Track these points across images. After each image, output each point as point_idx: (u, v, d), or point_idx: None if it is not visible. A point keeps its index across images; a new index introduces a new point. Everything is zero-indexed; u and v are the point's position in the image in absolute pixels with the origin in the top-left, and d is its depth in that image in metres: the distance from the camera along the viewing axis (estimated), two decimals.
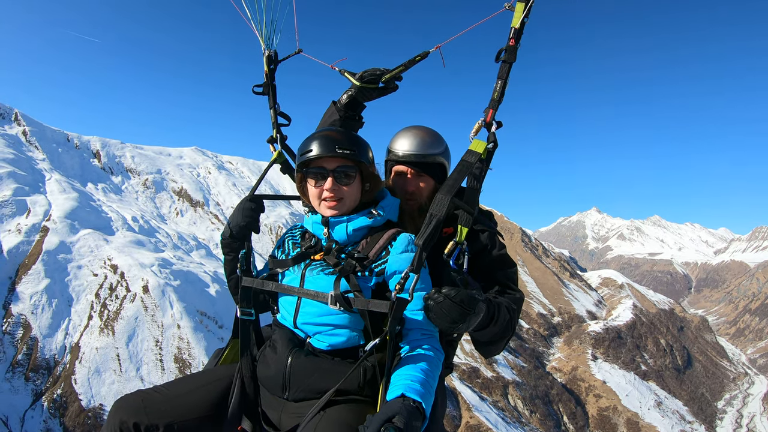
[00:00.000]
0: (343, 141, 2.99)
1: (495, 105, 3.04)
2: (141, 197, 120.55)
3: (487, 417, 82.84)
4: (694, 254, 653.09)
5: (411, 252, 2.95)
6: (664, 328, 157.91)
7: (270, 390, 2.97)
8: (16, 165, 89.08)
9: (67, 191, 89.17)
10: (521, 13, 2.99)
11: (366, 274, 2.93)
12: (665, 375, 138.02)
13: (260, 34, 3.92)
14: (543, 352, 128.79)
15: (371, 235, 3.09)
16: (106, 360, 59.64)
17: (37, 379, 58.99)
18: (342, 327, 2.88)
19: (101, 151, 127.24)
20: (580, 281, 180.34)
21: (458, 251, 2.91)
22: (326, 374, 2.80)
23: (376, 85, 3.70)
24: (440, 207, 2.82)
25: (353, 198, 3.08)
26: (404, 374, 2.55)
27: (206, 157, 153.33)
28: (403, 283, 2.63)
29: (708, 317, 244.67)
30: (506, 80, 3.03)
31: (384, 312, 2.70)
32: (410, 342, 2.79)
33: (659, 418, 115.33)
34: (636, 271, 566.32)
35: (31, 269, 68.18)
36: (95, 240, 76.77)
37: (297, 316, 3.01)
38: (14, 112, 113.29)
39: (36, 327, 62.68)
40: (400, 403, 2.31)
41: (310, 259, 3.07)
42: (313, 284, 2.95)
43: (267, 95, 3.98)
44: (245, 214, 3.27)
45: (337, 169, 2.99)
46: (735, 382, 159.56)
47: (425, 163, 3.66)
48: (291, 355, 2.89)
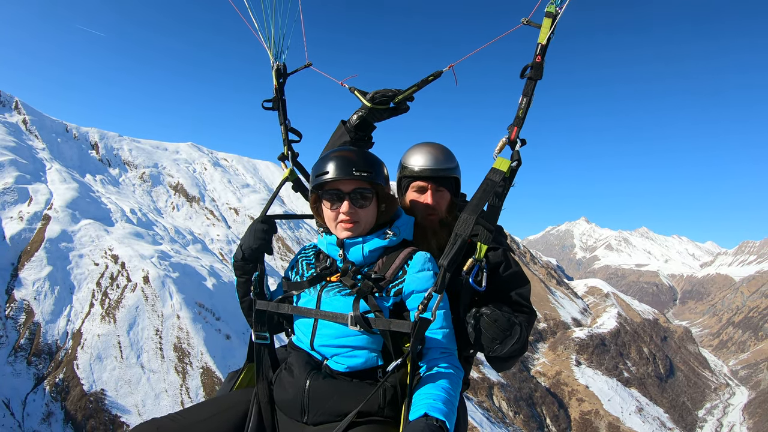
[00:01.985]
0: (360, 163, 2.98)
1: (520, 122, 3.03)
2: (138, 190, 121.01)
3: (473, 416, 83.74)
4: (681, 266, 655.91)
5: (428, 271, 2.96)
6: (647, 337, 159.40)
7: (288, 414, 2.96)
8: (18, 153, 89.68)
9: (67, 181, 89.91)
10: (548, 29, 3.00)
11: (383, 295, 2.94)
12: (647, 382, 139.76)
13: (268, 46, 3.92)
14: (528, 357, 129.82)
15: (387, 254, 3.09)
16: (108, 347, 60.63)
17: (39, 363, 59.82)
18: (360, 348, 2.89)
19: (99, 143, 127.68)
20: (567, 289, 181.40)
21: (477, 268, 2.96)
22: (345, 396, 2.78)
23: (387, 106, 3.72)
24: (465, 227, 2.83)
25: (369, 220, 3.08)
26: (426, 393, 2.56)
27: (202, 153, 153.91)
28: (426, 303, 2.64)
29: (692, 328, 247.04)
30: (531, 97, 3.02)
31: (402, 332, 2.74)
32: (430, 361, 2.81)
33: (640, 423, 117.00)
34: (622, 281, 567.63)
35: (33, 256, 68.98)
36: (96, 230, 77.72)
37: (314, 338, 3.01)
38: (14, 100, 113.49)
39: (39, 313, 63.57)
40: (424, 422, 2.34)
41: (326, 280, 3.09)
42: (329, 306, 2.96)
43: (277, 110, 3.97)
44: (257, 236, 3.24)
45: (354, 192, 2.98)
46: (716, 392, 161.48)
47: (443, 177, 3.65)
48: (309, 378, 2.87)
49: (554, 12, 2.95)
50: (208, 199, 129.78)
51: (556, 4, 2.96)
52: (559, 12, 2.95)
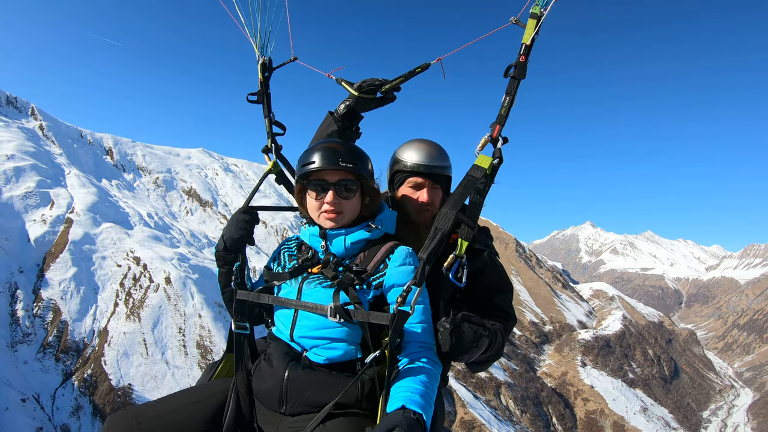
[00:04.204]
0: (346, 154, 3.00)
1: (502, 120, 3.03)
2: (152, 195, 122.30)
3: (481, 414, 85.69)
4: (686, 270, 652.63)
5: (408, 265, 2.98)
6: (652, 339, 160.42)
7: (266, 404, 2.98)
8: (37, 158, 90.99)
9: (86, 186, 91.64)
10: (533, 29, 3.00)
11: (364, 287, 2.94)
12: (652, 384, 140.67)
13: (254, 40, 3.91)
14: (534, 358, 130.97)
15: (369, 248, 3.10)
16: (134, 344, 62.75)
17: (67, 360, 61.88)
18: (339, 340, 2.89)
19: (113, 149, 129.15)
20: (572, 292, 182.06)
21: (457, 265, 2.96)
22: (324, 388, 2.81)
23: (374, 96, 3.74)
24: (445, 221, 2.85)
25: (353, 211, 3.09)
26: (404, 386, 2.58)
27: (213, 159, 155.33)
28: (405, 296, 2.68)
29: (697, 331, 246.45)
30: (514, 96, 3.01)
31: (382, 324, 2.77)
32: (409, 354, 2.82)
33: (644, 422, 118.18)
34: (628, 285, 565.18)
35: (58, 258, 70.98)
36: (117, 233, 79.64)
37: (294, 329, 3.01)
38: (30, 106, 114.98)
39: (66, 311, 65.64)
40: (401, 414, 2.36)
41: (308, 271, 3.09)
42: (310, 297, 2.96)
43: (261, 104, 3.96)
44: (239, 226, 3.27)
45: (339, 183, 3.00)
46: (721, 394, 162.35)
47: (439, 175, 3.69)
48: (288, 368, 2.89)
49: (539, 13, 3.01)
50: (220, 203, 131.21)
51: (541, 6, 3.02)
52: (543, 13, 3.01)
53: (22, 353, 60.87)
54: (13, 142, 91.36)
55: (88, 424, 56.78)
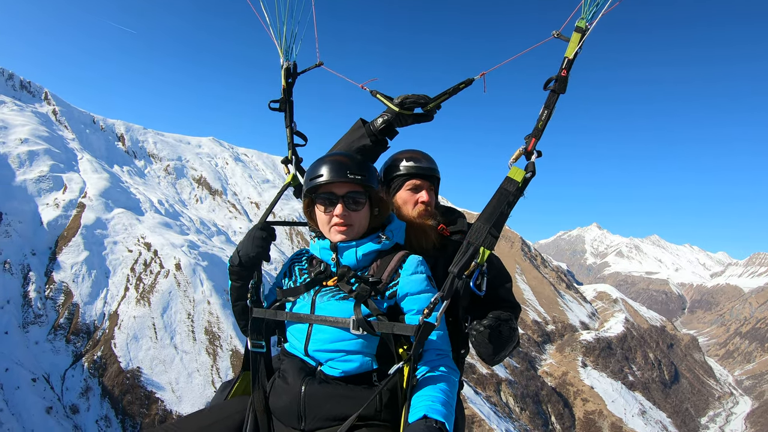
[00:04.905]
0: (354, 166, 2.97)
1: (538, 134, 2.96)
2: (163, 182, 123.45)
3: (481, 409, 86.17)
4: (691, 276, 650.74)
5: (420, 273, 2.98)
6: (654, 343, 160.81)
7: (284, 422, 2.93)
8: (51, 143, 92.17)
9: (98, 171, 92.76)
10: (576, 44, 2.95)
11: (378, 298, 2.92)
12: (651, 387, 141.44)
13: (279, 43, 3.81)
14: (536, 357, 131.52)
15: (380, 258, 3.09)
16: (143, 328, 63.98)
17: (77, 341, 63.08)
18: (355, 353, 2.87)
19: (125, 135, 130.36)
20: (576, 293, 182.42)
21: (477, 273, 2.83)
22: (341, 401, 2.77)
23: (412, 112, 3.66)
24: (479, 236, 2.80)
25: (362, 223, 3.07)
26: (425, 395, 2.56)
27: (223, 148, 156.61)
28: (432, 308, 2.64)
29: (699, 337, 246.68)
30: (552, 110, 2.96)
31: (397, 335, 2.82)
32: (427, 363, 2.78)
33: (642, 425, 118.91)
34: (632, 288, 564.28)
35: (71, 241, 72.31)
36: (128, 219, 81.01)
37: (308, 343, 2.97)
38: (44, 91, 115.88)
39: (77, 294, 66.85)
40: (423, 424, 2.35)
41: (321, 285, 3.05)
42: (324, 310, 2.94)
43: (284, 112, 3.88)
44: (256, 243, 3.20)
45: (347, 195, 2.98)
46: (720, 401, 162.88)
47: (435, 177, 3.75)
48: (304, 384, 2.85)
49: (584, 27, 2.97)
50: (230, 192, 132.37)
51: (587, 20, 2.97)
52: (589, 28, 2.96)
53: (33, 334, 62.08)
54: (27, 126, 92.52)
55: (97, 404, 57.80)
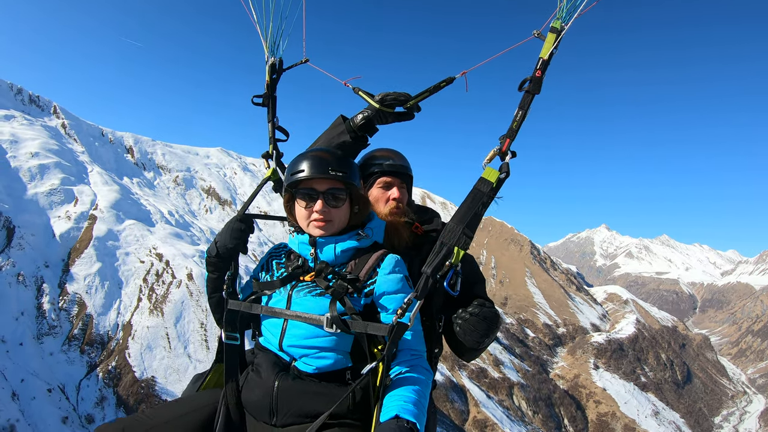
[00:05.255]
0: (335, 163, 2.94)
1: (513, 134, 2.95)
2: (172, 193, 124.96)
3: (493, 413, 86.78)
4: (701, 275, 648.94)
5: (398, 273, 2.95)
6: (665, 343, 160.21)
7: (256, 416, 2.89)
8: (61, 156, 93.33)
9: (109, 183, 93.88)
10: (551, 44, 2.95)
11: (355, 296, 2.87)
12: (664, 388, 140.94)
13: (264, 39, 3.78)
14: (547, 360, 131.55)
15: (359, 256, 3.04)
16: (157, 338, 64.61)
17: (91, 352, 63.93)
18: (329, 350, 2.82)
19: (134, 147, 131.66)
20: (586, 295, 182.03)
21: (452, 273, 2.88)
22: (314, 398, 2.75)
23: (393, 110, 3.64)
24: (453, 236, 2.84)
25: (342, 220, 3.03)
26: (397, 395, 2.56)
27: (231, 158, 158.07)
28: (405, 308, 2.64)
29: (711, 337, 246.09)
30: (527, 111, 2.94)
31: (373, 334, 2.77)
32: (401, 363, 2.76)
33: (656, 426, 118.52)
34: (642, 289, 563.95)
35: (83, 253, 73.19)
36: (139, 230, 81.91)
37: (283, 338, 2.90)
38: (53, 105, 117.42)
39: (90, 305, 67.80)
40: (395, 424, 2.35)
41: (298, 280, 3.00)
42: (300, 306, 2.88)
43: (266, 107, 3.83)
44: (234, 235, 3.14)
45: (328, 191, 2.93)
46: (733, 400, 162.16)
47: (408, 175, 3.72)
48: (277, 379, 2.81)
49: (559, 28, 2.96)
50: (239, 202, 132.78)
51: (562, 20, 2.98)
52: (564, 28, 2.96)
53: (48, 345, 62.82)
54: (38, 140, 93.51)
55: (112, 414, 58.23)
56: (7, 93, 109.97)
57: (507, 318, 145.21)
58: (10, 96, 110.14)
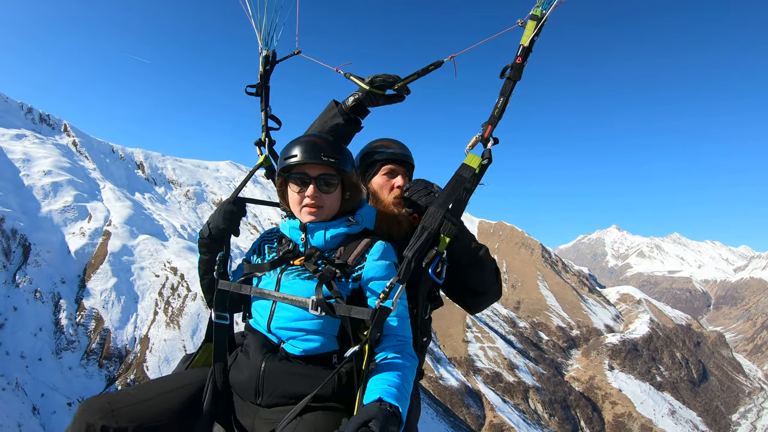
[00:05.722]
0: (327, 148, 2.97)
1: (495, 121, 3.01)
2: (184, 207, 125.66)
3: (510, 417, 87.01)
4: (714, 272, 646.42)
5: (386, 259, 2.99)
6: (680, 342, 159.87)
7: (242, 395, 2.97)
8: (73, 173, 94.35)
9: (121, 199, 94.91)
10: (531, 31, 3.00)
11: (343, 280, 2.92)
12: (680, 387, 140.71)
13: (258, 31, 3.87)
14: (562, 363, 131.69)
15: (348, 242, 3.08)
16: (174, 350, 64.94)
17: (110, 366, 64.46)
18: (316, 333, 2.87)
19: (144, 163, 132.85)
20: (599, 296, 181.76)
21: (438, 260, 2.90)
22: (300, 380, 2.81)
23: (383, 92, 3.67)
24: (433, 220, 2.86)
25: (333, 206, 3.07)
26: (381, 379, 2.58)
27: (241, 171, 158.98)
28: (388, 293, 2.67)
29: (726, 334, 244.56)
30: (508, 97, 3.01)
31: (362, 319, 2.76)
32: (386, 348, 2.79)
33: (673, 425, 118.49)
34: (655, 288, 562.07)
35: (99, 269, 74.08)
36: (153, 245, 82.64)
37: (271, 320, 2.98)
38: (63, 123, 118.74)
39: (107, 320, 68.46)
40: (377, 407, 2.35)
41: (288, 263, 3.06)
42: (288, 288, 2.94)
43: (259, 96, 3.92)
44: (226, 216, 3.24)
45: (320, 177, 2.97)
46: (750, 397, 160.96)
47: (410, 164, 3.85)
48: (264, 360, 2.89)
49: (539, 15, 3.02)
50: (250, 215, 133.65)
51: (542, 7, 3.03)
52: (545, 14, 3.01)
53: (66, 360, 63.47)
54: (50, 158, 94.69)
55: None
56: (18, 112, 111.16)
57: (520, 322, 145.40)
58: (21, 115, 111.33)
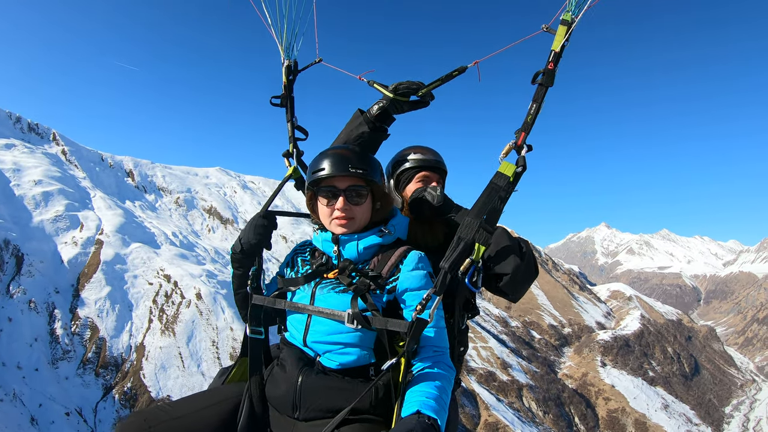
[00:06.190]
0: (356, 160, 2.97)
1: (528, 128, 2.96)
2: (174, 215, 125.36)
3: (504, 416, 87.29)
4: (703, 267, 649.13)
5: (421, 269, 2.95)
6: (671, 337, 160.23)
7: (279, 410, 2.95)
8: (63, 182, 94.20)
9: (112, 208, 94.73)
10: (562, 36, 2.98)
11: (377, 292, 2.91)
12: (672, 381, 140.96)
13: (279, 42, 3.86)
14: (554, 361, 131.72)
15: (381, 253, 3.07)
16: (170, 357, 65.50)
17: (106, 374, 64.74)
18: (353, 346, 2.87)
19: (134, 171, 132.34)
20: (590, 294, 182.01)
21: (473, 269, 2.86)
22: (337, 393, 2.79)
23: (408, 99, 3.61)
24: (469, 231, 2.82)
25: (364, 217, 3.06)
26: (419, 391, 2.54)
27: (230, 177, 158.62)
28: (425, 304, 2.63)
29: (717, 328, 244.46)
30: (541, 104, 2.97)
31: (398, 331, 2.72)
32: (423, 359, 2.75)
33: (666, 419, 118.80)
34: (645, 284, 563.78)
35: (92, 278, 74.07)
36: (146, 252, 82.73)
37: (307, 334, 2.98)
38: (52, 132, 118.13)
39: (103, 329, 68.61)
40: (416, 419, 2.32)
41: (321, 277, 3.06)
42: (323, 302, 2.94)
43: (285, 107, 3.92)
44: (257, 231, 3.23)
45: (349, 189, 2.97)
46: (742, 389, 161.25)
47: (443, 170, 3.90)
48: (301, 374, 2.87)
49: (570, 20, 3.00)
50: (241, 220, 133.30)
51: (572, 13, 3.01)
52: (575, 20, 2.99)
53: (63, 369, 63.74)
54: (40, 168, 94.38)
55: None
56: (6, 122, 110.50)
57: (512, 321, 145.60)
58: (9, 125, 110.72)
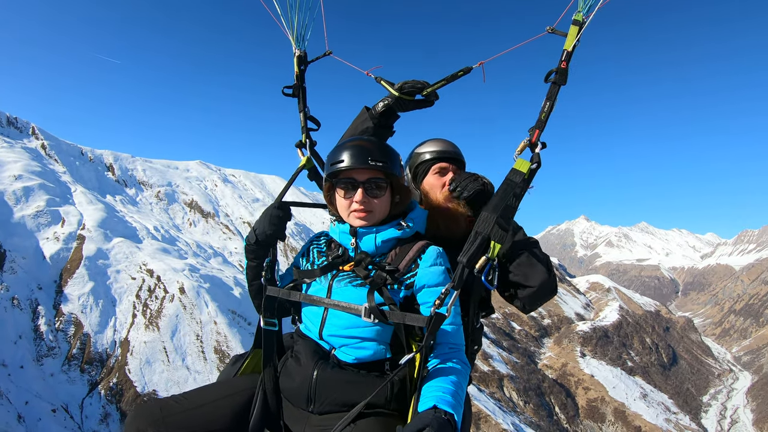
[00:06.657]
0: (376, 152, 2.93)
1: (541, 125, 2.98)
2: (155, 209, 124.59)
3: (486, 406, 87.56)
4: (681, 259, 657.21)
5: (439, 266, 2.92)
6: (649, 328, 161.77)
7: (294, 402, 2.95)
8: (44, 177, 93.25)
9: (93, 203, 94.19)
10: (574, 36, 2.99)
11: (395, 287, 2.88)
12: (651, 371, 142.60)
13: (290, 33, 3.85)
14: (534, 351, 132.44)
15: (399, 246, 3.04)
16: (155, 352, 65.53)
17: (91, 370, 64.65)
18: (369, 340, 2.86)
19: (114, 165, 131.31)
20: (569, 286, 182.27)
21: (489, 267, 2.82)
22: (352, 387, 2.79)
23: (413, 98, 3.67)
24: (486, 225, 2.78)
25: (383, 210, 3.02)
26: (435, 386, 2.53)
27: (211, 171, 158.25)
28: (443, 299, 2.62)
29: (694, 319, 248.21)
30: (554, 102, 2.97)
31: (412, 325, 2.77)
32: (439, 355, 2.75)
33: (645, 408, 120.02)
34: (624, 276, 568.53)
35: (75, 273, 73.67)
36: (128, 247, 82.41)
37: (323, 327, 2.96)
38: (31, 126, 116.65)
39: (87, 324, 68.34)
40: (432, 414, 2.31)
41: (338, 269, 3.05)
42: (341, 296, 2.92)
43: (297, 97, 3.91)
44: (272, 221, 3.15)
45: (368, 181, 2.93)
46: (720, 378, 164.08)
47: (461, 161, 3.85)
48: (316, 367, 2.86)
49: (581, 20, 3.01)
50: (222, 214, 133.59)
51: (583, 13, 3.02)
52: (586, 20, 3.00)
53: (48, 366, 63.58)
54: (19, 163, 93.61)
55: (117, 430, 59.36)
56: None
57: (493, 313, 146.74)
58: None
